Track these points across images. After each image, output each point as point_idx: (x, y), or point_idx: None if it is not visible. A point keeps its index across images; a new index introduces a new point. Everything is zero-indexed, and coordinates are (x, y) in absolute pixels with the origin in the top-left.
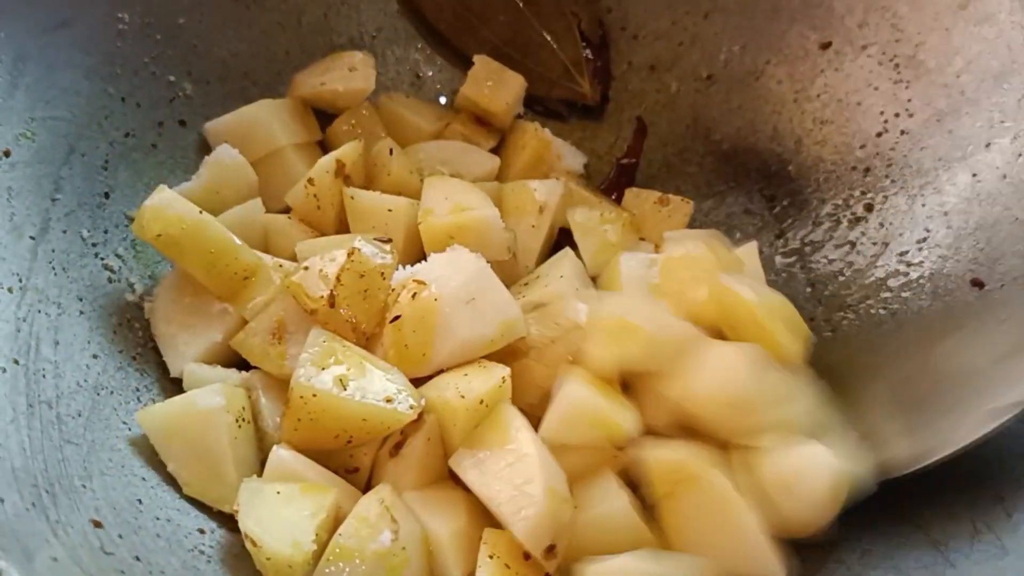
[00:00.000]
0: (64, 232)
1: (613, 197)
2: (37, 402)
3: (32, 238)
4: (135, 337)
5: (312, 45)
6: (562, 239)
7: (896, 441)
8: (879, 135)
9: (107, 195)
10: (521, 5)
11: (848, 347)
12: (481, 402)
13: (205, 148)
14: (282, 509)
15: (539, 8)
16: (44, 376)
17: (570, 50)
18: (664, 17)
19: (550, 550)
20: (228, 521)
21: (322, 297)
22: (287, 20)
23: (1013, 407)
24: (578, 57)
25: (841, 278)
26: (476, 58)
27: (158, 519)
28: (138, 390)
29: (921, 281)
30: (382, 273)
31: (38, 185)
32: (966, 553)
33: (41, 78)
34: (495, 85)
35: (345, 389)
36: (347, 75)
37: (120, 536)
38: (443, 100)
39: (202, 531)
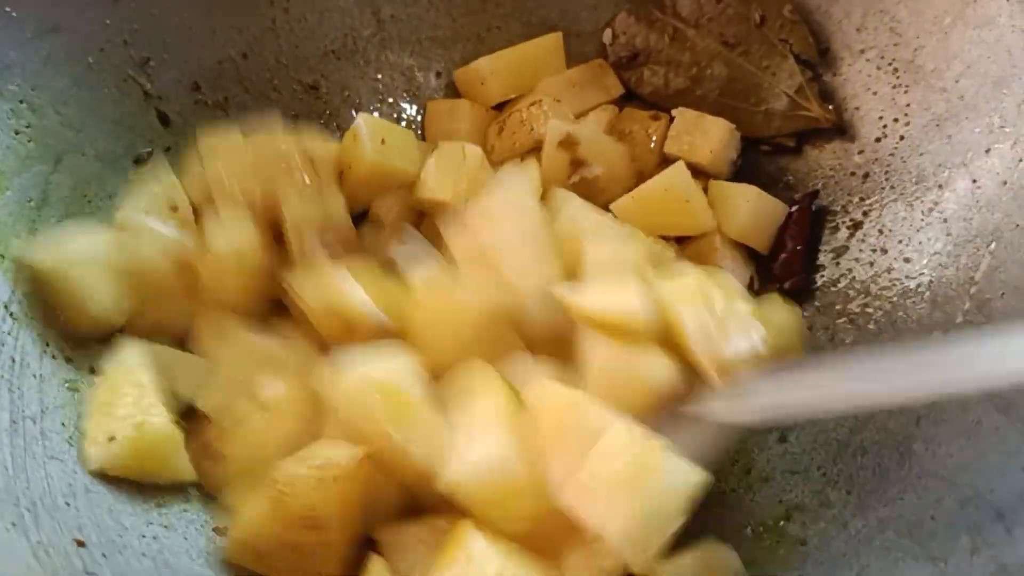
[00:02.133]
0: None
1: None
2: (21, 417)
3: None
4: None
5: (304, 50)
6: None
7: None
8: (878, 140)
9: (100, 205)
10: (730, 53)
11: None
12: None
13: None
14: None
15: (748, 49)
16: (29, 390)
17: (787, 80)
18: None
19: None
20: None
21: None
22: (279, 25)
23: None
24: (799, 83)
25: (839, 285)
26: (675, 112)
27: (143, 537)
28: None
29: (920, 289)
30: None
31: (25, 194)
32: (965, 570)
33: (27, 84)
34: (696, 136)
35: None
36: None
37: (104, 555)
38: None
39: (189, 556)
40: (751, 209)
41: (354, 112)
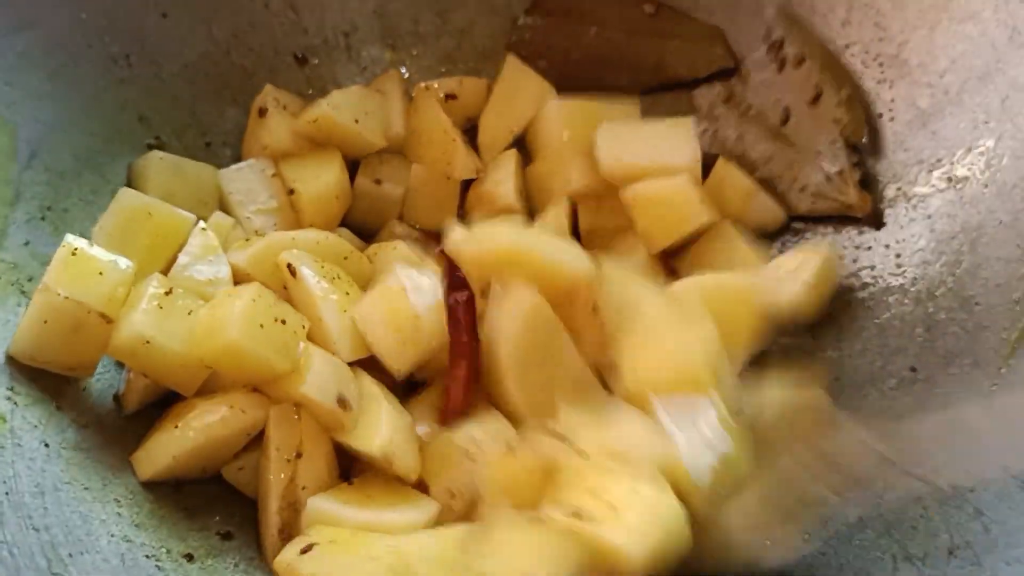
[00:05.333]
0: (24, 240)
1: None
2: None
3: None
4: None
5: (284, 45)
6: None
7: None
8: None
9: (76, 203)
10: (781, 127)
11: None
12: None
13: None
14: None
15: (799, 124)
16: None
17: (829, 161)
18: None
19: None
20: (189, 542)
21: None
22: (258, 20)
23: None
24: (841, 167)
25: None
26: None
27: (112, 537)
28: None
29: (904, 286)
30: None
31: None
32: (943, 569)
33: (0, 81)
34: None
35: None
36: None
37: (70, 555)
38: None
39: (158, 557)
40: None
41: None
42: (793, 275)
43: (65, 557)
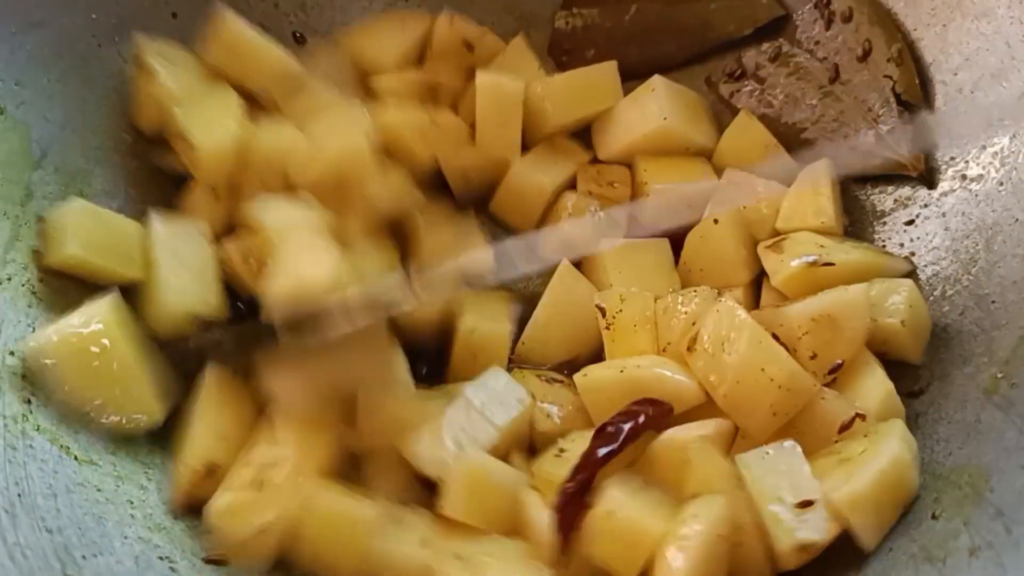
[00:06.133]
0: (35, 242)
1: None
2: (1, 416)
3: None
4: None
5: (289, 42)
6: None
7: None
8: None
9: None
10: (829, 85)
11: None
12: None
13: None
14: None
15: (849, 81)
16: (10, 390)
17: (881, 118)
18: None
19: None
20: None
21: None
22: (264, 18)
23: None
24: (893, 124)
25: None
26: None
27: (126, 539)
28: None
29: (919, 284)
30: None
31: (8, 191)
32: (964, 570)
33: (11, 80)
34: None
35: None
36: None
37: (84, 557)
38: None
39: (172, 559)
40: None
41: None
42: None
43: (79, 559)
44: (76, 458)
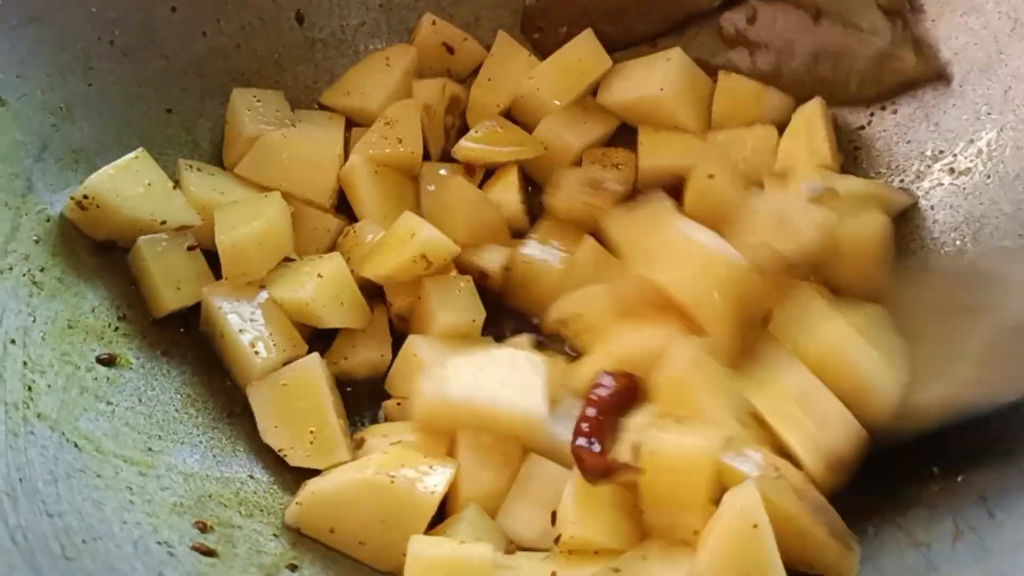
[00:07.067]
0: (35, 232)
1: None
2: (3, 404)
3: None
4: None
5: (292, 40)
6: None
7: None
8: (861, 128)
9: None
10: (815, 24)
11: None
12: None
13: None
14: None
15: (833, 14)
16: (12, 376)
17: (877, 36)
18: None
19: None
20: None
21: None
22: (266, 14)
23: None
24: (890, 36)
25: None
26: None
27: (125, 524)
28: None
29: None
30: None
31: (9, 183)
32: (948, 555)
33: (12, 73)
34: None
35: None
36: None
37: (84, 541)
38: None
39: (170, 543)
40: None
41: None
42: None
43: (79, 543)
44: (76, 445)
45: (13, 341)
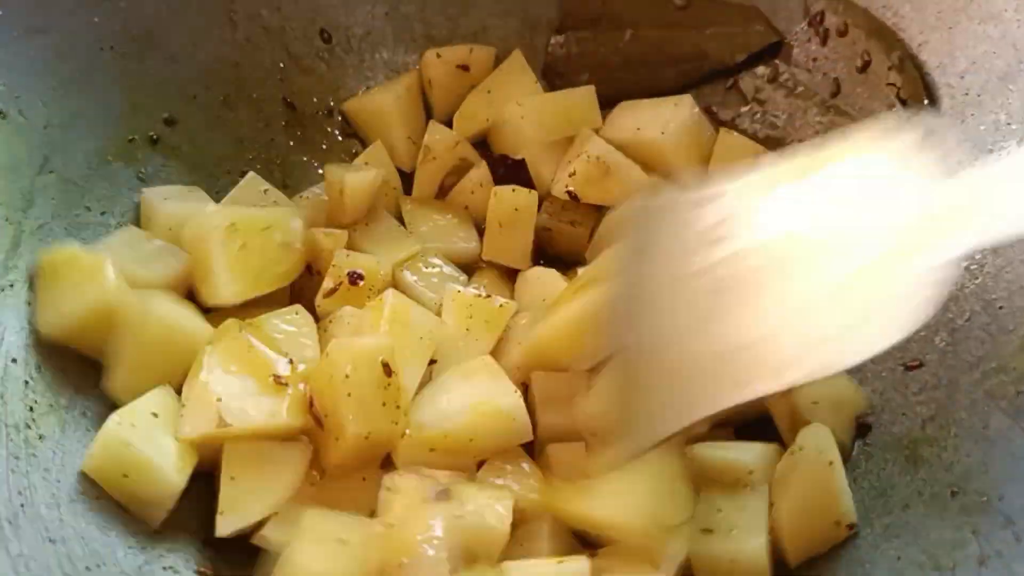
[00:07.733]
0: (37, 246)
1: None
2: (4, 425)
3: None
4: None
5: (298, 50)
6: None
7: None
8: None
9: (88, 208)
10: (831, 100)
11: None
12: None
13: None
14: None
15: (851, 93)
16: (13, 398)
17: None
18: None
19: None
20: (206, 551)
21: None
22: (271, 24)
23: None
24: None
25: None
26: None
27: (130, 548)
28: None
29: None
30: None
31: (10, 197)
32: None
33: (12, 86)
34: None
35: None
36: None
37: (87, 568)
38: None
39: (175, 568)
40: None
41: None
42: None
43: (82, 570)
44: (78, 467)
45: (14, 360)
